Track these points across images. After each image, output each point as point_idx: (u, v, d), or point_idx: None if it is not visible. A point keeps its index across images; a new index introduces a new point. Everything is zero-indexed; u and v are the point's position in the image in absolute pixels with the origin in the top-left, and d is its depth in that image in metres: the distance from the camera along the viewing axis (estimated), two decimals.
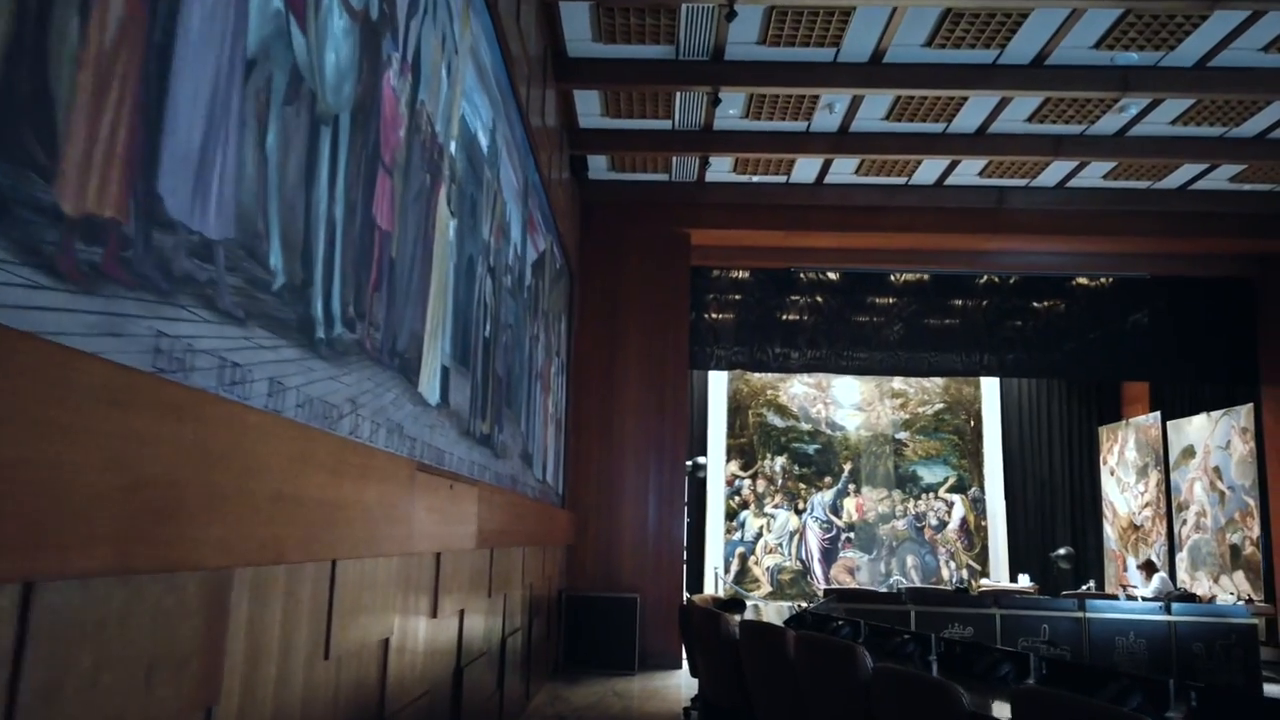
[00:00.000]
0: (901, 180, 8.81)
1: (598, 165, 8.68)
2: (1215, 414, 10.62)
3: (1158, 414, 11.91)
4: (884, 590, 12.64)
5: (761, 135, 7.87)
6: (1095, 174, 8.50)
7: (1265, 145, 7.72)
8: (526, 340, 5.88)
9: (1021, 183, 8.78)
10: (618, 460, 8.97)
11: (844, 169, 8.56)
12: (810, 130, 7.82)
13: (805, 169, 8.59)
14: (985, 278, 9.84)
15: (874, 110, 7.48)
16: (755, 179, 8.88)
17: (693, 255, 9.34)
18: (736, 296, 9.90)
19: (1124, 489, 12.71)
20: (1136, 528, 12.34)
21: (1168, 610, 7.66)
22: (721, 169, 8.66)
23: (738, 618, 5.03)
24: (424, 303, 3.33)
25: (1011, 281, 9.81)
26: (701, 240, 9.33)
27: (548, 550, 6.83)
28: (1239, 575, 10.09)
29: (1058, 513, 13.97)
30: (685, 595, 12.43)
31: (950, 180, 8.79)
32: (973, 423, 13.92)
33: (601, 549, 8.82)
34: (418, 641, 3.29)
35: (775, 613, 6.27)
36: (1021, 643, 7.44)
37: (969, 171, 8.57)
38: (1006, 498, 13.80)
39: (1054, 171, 8.46)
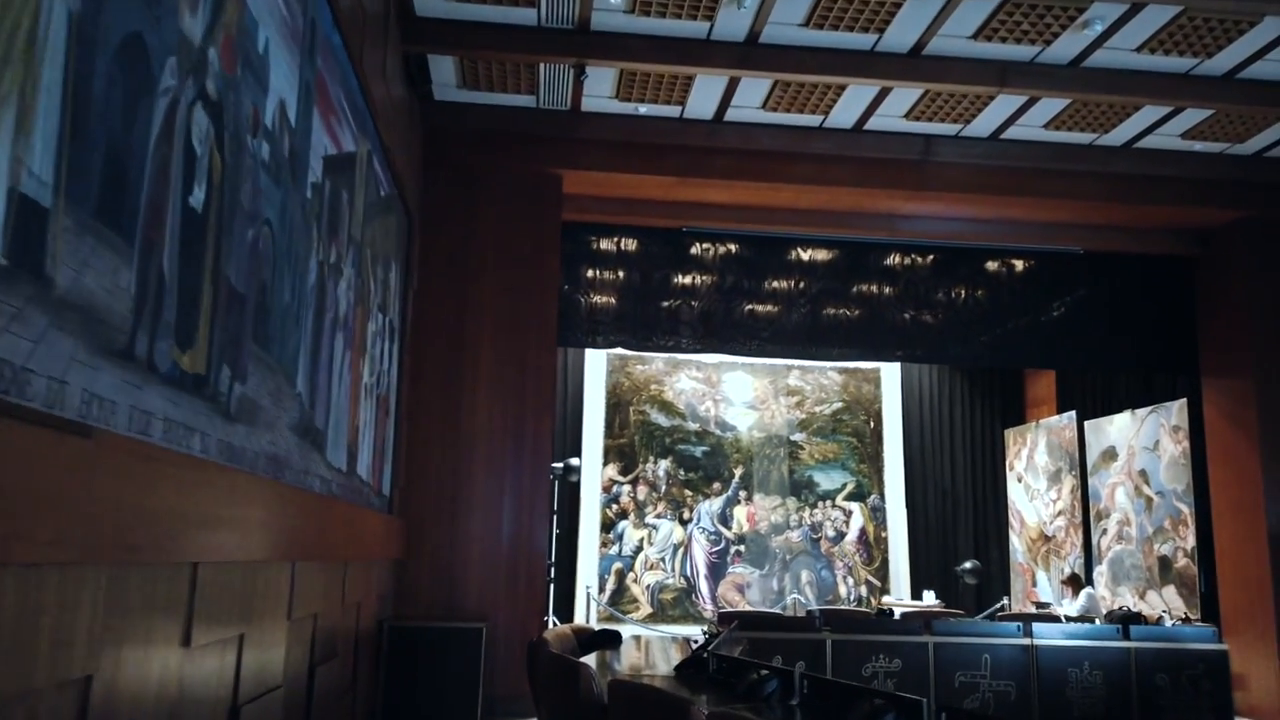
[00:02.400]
0: (816, 120, 7.36)
1: (444, 77, 6.89)
2: (1141, 412, 9.59)
3: (1073, 414, 10.88)
4: (783, 611, 11.18)
5: (652, 42, 6.26)
6: (1038, 119, 7.25)
7: (1236, 87, 6.60)
8: (313, 264, 4.06)
9: (953, 129, 7.46)
10: (466, 456, 7.17)
11: (750, 99, 7.03)
12: (712, 37, 6.26)
13: (703, 97, 7.03)
14: (900, 257, 8.49)
15: (791, 13, 5.97)
16: (643, 110, 7.27)
17: (566, 207, 7.65)
18: (618, 262, 8.25)
19: (1033, 496, 11.66)
20: (1048, 539, 11.28)
21: (1125, 635, 6.38)
22: (601, 92, 7.01)
23: (611, 661, 3.35)
24: None
25: (930, 260, 8.50)
26: (577, 187, 7.66)
27: (354, 569, 4.99)
28: (1169, 590, 9.03)
29: (959, 523, 12.86)
30: (550, 619, 10.64)
31: (872, 123, 7.39)
32: (872, 424, 12.69)
33: (442, 566, 6.99)
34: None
35: (661, 651, 4.62)
36: (959, 677, 6.03)
37: (895, 111, 7.18)
38: (908, 506, 12.60)
39: (992, 114, 7.16)
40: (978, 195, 7.71)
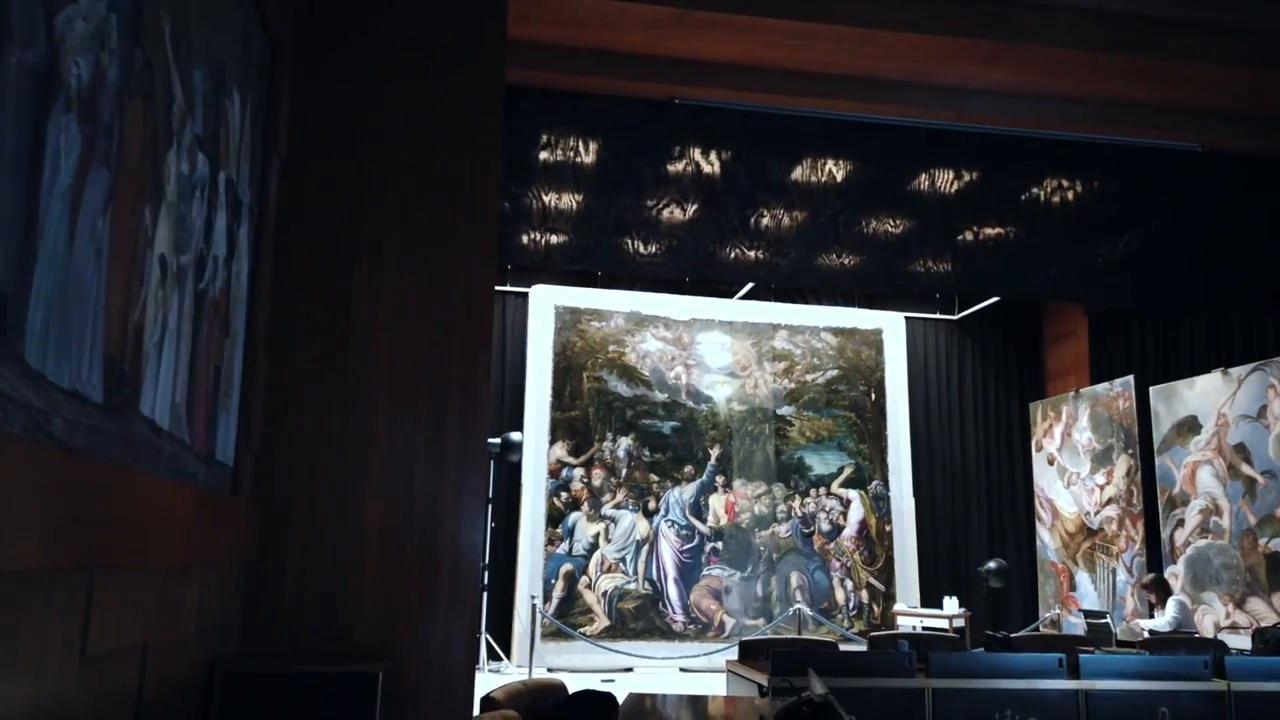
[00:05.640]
0: None
1: None
2: (1238, 371, 7.63)
3: (1129, 379, 8.91)
4: (770, 628, 8.93)
5: None
6: None
7: None
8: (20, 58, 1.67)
9: None
10: (359, 412, 4.76)
11: None
12: None
13: None
14: (964, 151, 6.33)
15: None
16: None
17: (513, 60, 5.29)
18: (583, 146, 5.93)
19: (1071, 481, 9.68)
20: (1092, 532, 9.29)
21: None
22: None
23: None
24: None
25: (1003, 155, 6.35)
26: (527, 27, 5.32)
27: (127, 583, 2.61)
28: None
29: (972, 514, 10.85)
30: (484, 640, 8.26)
31: None
32: (874, 395, 10.59)
33: (320, 575, 4.58)
34: None
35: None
36: None
37: None
38: (916, 495, 10.54)
39: None
40: (1080, 55, 5.58)
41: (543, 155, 5.94)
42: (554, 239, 5.96)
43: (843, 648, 7.14)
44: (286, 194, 4.73)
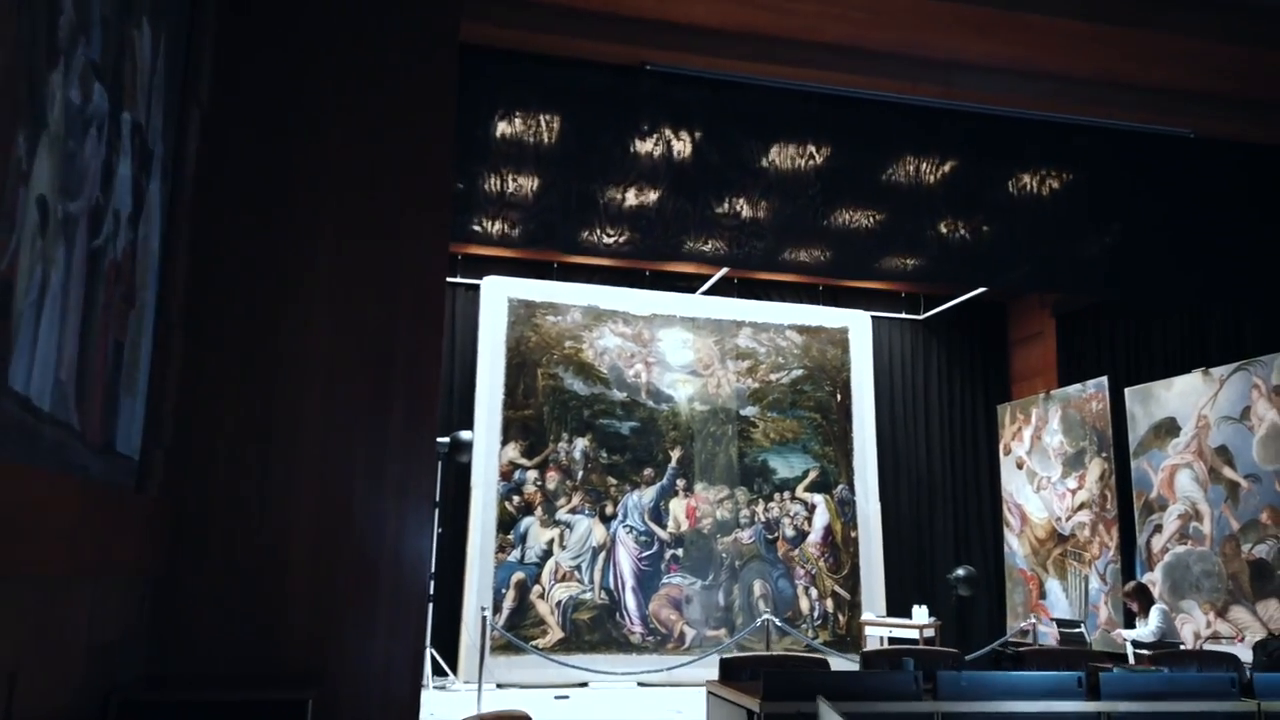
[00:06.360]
0: None
1: None
2: (1219, 371, 7.38)
3: (1103, 380, 8.64)
4: (733, 639, 8.47)
5: None
6: None
7: None
8: None
9: None
10: (290, 403, 4.20)
11: None
12: None
13: None
14: (951, 130, 5.95)
15: None
16: None
17: (469, 16, 4.78)
18: (545, 115, 5.42)
19: (1041, 486, 9.40)
20: (1063, 538, 9.01)
21: None
22: None
23: None
24: None
25: (991, 136, 5.98)
26: None
27: None
28: (1270, 605, 6.80)
29: (938, 519, 10.54)
30: (429, 655, 7.68)
31: None
32: (839, 396, 10.23)
33: (242, 586, 4.00)
34: None
35: None
36: None
37: None
38: (881, 499, 10.19)
39: None
40: (1076, 26, 5.23)
41: (501, 127, 5.43)
42: (513, 214, 5.45)
43: (812, 658, 6.69)
44: (210, 152, 4.16)
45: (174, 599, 3.87)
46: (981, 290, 10.23)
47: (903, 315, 10.89)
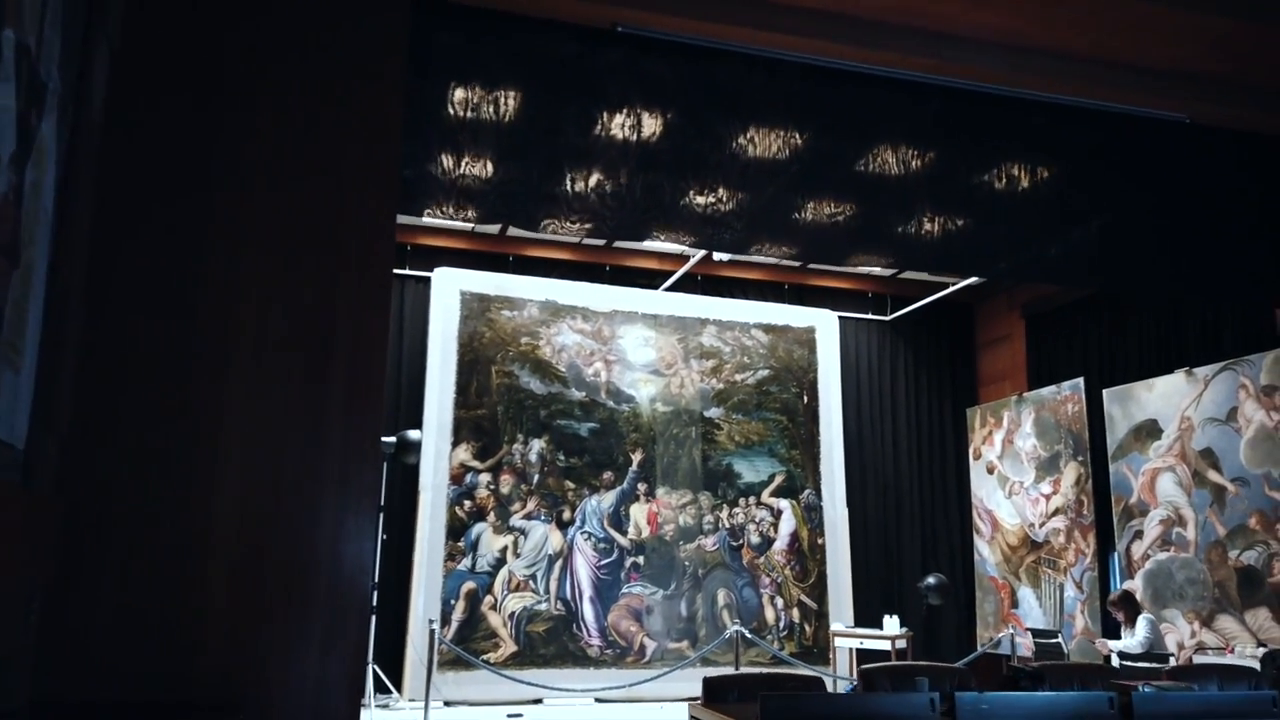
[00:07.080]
0: None
1: None
2: (1204, 371, 7.12)
3: (1079, 381, 8.38)
4: (696, 652, 8.01)
5: None
6: None
7: None
8: None
9: None
10: (209, 387, 3.66)
11: None
12: None
13: None
14: (943, 106, 5.58)
15: None
16: None
17: None
18: (505, 80, 4.94)
19: (1013, 491, 9.12)
20: (1037, 545, 8.73)
21: None
22: None
23: None
24: None
25: (983, 115, 5.62)
26: None
27: None
28: (1260, 614, 6.54)
29: (905, 526, 10.22)
30: (370, 671, 7.12)
31: None
32: (806, 398, 9.87)
33: (147, 595, 3.45)
34: None
35: None
36: None
37: None
38: (849, 505, 9.84)
39: None
40: None
41: (458, 93, 4.93)
42: (470, 187, 4.95)
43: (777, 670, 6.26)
44: (120, 94, 3.62)
45: (66, 612, 3.30)
46: (949, 291, 9.96)
47: (869, 316, 10.58)
